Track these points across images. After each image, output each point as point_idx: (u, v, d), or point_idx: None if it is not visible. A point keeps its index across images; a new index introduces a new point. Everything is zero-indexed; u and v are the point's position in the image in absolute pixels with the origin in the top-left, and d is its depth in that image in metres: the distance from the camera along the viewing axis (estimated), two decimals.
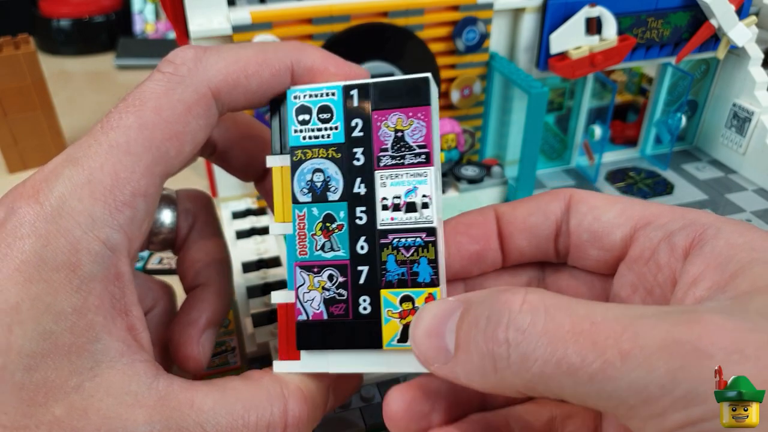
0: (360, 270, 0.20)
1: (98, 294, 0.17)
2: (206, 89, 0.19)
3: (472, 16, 0.34)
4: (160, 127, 0.18)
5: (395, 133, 0.20)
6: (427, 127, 0.20)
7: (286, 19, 0.32)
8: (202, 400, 0.17)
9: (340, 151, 0.21)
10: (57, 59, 0.72)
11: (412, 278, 0.20)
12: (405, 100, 0.20)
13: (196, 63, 0.19)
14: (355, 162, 0.21)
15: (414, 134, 0.20)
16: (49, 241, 0.16)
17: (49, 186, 0.17)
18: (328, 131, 0.21)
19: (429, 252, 0.20)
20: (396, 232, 0.20)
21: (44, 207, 0.16)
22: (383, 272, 0.20)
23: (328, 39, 0.32)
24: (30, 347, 0.15)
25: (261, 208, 0.38)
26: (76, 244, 0.16)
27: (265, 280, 0.32)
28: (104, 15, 0.74)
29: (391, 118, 0.20)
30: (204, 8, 0.31)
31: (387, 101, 0.20)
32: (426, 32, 0.34)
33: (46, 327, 0.16)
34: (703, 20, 0.38)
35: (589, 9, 0.35)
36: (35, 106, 0.47)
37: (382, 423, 0.25)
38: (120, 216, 0.17)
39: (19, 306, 0.15)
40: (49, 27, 0.72)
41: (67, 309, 0.16)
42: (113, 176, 0.17)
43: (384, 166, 0.20)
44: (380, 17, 0.33)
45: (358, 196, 0.20)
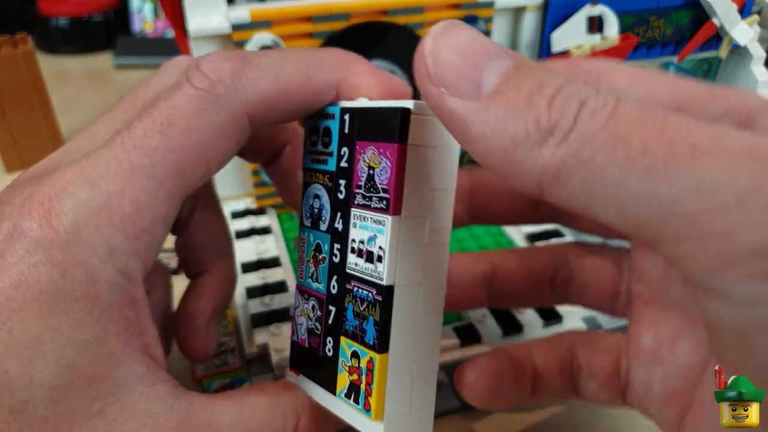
0: (330, 309, 0.19)
1: (116, 321, 0.16)
2: (242, 112, 0.17)
3: (473, 15, 0.34)
4: (188, 151, 0.16)
5: (368, 169, 0.18)
6: (391, 169, 0.17)
7: (286, 17, 0.31)
8: (220, 418, 0.17)
9: (331, 180, 0.19)
10: (55, 58, 0.72)
11: (360, 335, 0.18)
12: (379, 132, 0.17)
13: (234, 81, 0.17)
14: (338, 194, 0.19)
15: (381, 175, 0.17)
16: (66, 270, 0.15)
17: (62, 206, 0.15)
18: (325, 156, 0.19)
19: (375, 312, 0.17)
20: (357, 279, 0.18)
21: (59, 232, 0.15)
22: (344, 319, 0.18)
23: (327, 37, 0.32)
24: (52, 381, 0.15)
25: (260, 208, 0.38)
26: (93, 274, 0.16)
27: (265, 280, 0.32)
28: (103, 14, 0.73)
29: (367, 151, 0.18)
30: (203, 7, 0.31)
31: (365, 131, 0.18)
32: (426, 31, 0.34)
33: (68, 359, 0.15)
34: (704, 19, 0.38)
35: (590, 8, 0.35)
36: (33, 105, 0.46)
37: None
38: (138, 243, 0.16)
39: (39, 339, 0.15)
40: (48, 26, 0.72)
41: (88, 339, 0.16)
42: (134, 203, 0.16)
43: (357, 205, 0.18)
44: (380, 15, 0.33)
45: (337, 232, 0.19)
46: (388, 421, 0.17)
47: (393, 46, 0.33)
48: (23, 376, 0.15)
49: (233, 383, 0.27)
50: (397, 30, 0.33)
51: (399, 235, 0.17)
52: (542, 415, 0.26)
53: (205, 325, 0.22)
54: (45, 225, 0.15)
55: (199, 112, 0.16)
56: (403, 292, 0.17)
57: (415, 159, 0.17)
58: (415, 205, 0.18)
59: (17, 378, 0.15)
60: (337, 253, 0.19)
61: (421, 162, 0.17)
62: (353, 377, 0.18)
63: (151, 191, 0.16)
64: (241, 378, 0.28)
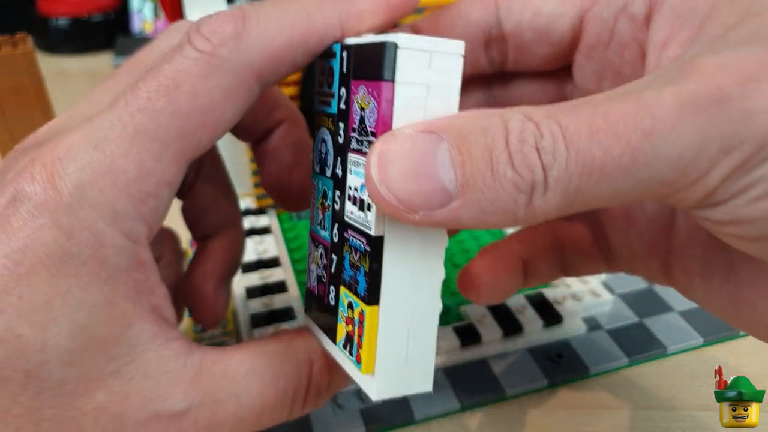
0: (333, 258, 0.18)
1: (125, 282, 0.16)
2: (249, 73, 0.17)
3: None
4: (194, 116, 0.16)
5: (360, 111, 0.16)
6: (378, 110, 0.15)
7: None
8: (235, 369, 0.18)
9: (333, 123, 0.18)
10: (55, 58, 0.72)
11: (354, 285, 0.17)
12: (368, 71, 0.16)
13: (237, 43, 0.16)
14: (338, 139, 0.18)
15: (370, 117, 0.16)
16: (73, 234, 0.15)
17: (65, 169, 0.15)
18: (329, 98, 0.18)
19: (365, 263, 0.16)
20: (352, 228, 0.17)
21: (63, 195, 0.15)
22: (342, 269, 0.18)
23: None
24: (66, 344, 0.15)
25: (260, 208, 0.38)
26: (100, 237, 0.15)
27: (265, 280, 0.32)
28: (103, 14, 0.74)
29: (359, 91, 0.16)
30: (202, 6, 0.31)
31: (359, 70, 0.16)
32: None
33: (80, 322, 0.15)
34: None
35: None
36: (33, 105, 0.46)
37: (382, 424, 0.25)
38: (143, 207, 0.16)
39: (50, 302, 0.15)
40: (48, 26, 0.72)
41: (99, 302, 0.15)
42: (138, 166, 0.16)
43: (352, 150, 0.17)
44: None
45: (337, 178, 0.18)
46: (379, 376, 0.17)
47: None
48: (37, 341, 0.15)
49: None
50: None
51: None
52: (542, 414, 0.26)
53: (214, 289, 0.22)
54: (49, 188, 0.15)
55: (205, 75, 0.16)
56: (396, 243, 0.16)
57: (406, 99, 0.15)
58: None
59: (31, 342, 0.15)
60: (338, 201, 0.18)
61: (413, 102, 0.15)
62: (348, 328, 0.17)
63: (155, 155, 0.16)
64: None
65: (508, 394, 0.27)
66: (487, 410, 0.27)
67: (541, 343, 0.29)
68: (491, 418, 0.26)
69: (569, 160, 0.13)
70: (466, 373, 0.28)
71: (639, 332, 0.30)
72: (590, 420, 0.26)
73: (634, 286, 0.33)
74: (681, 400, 0.27)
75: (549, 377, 0.27)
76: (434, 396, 0.26)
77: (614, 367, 0.28)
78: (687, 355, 0.29)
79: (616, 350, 0.29)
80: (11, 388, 0.15)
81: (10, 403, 0.15)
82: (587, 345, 0.29)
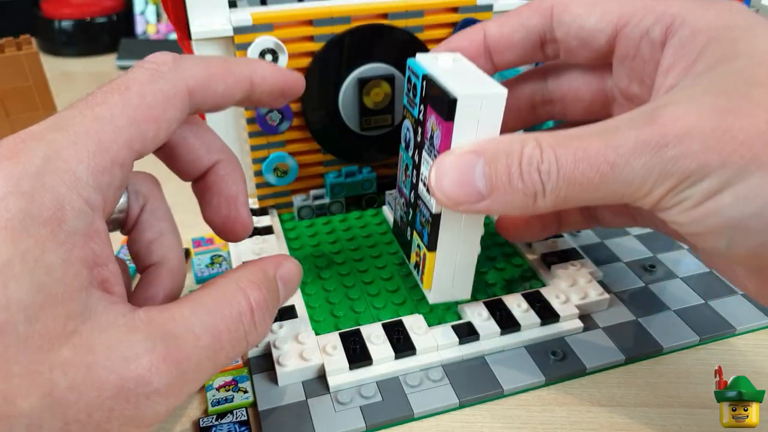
0: (409, 211, 0.28)
1: (81, 247, 0.18)
2: (183, 86, 0.21)
3: (472, 18, 0.34)
4: (142, 109, 0.20)
5: (431, 130, 0.24)
6: (441, 140, 0.23)
7: (287, 20, 0.32)
8: (180, 312, 0.19)
9: (414, 123, 0.26)
10: (59, 60, 0.73)
11: (421, 235, 0.27)
12: (439, 108, 0.23)
13: (175, 64, 0.21)
14: (417, 136, 0.26)
15: (436, 139, 0.24)
16: (34, 198, 0.17)
17: (31, 147, 0.17)
18: (413, 105, 0.27)
19: (428, 226, 0.26)
20: (422, 200, 0.26)
21: (26, 166, 0.17)
22: (415, 221, 0.27)
23: (328, 40, 0.33)
24: (27, 300, 0.16)
25: (262, 208, 0.38)
26: (61, 200, 0.17)
27: None
28: (106, 16, 0.74)
29: (430, 117, 0.24)
30: (205, 9, 0.31)
31: (431, 101, 0.24)
32: (426, 33, 0.34)
33: (39, 279, 0.16)
34: None
35: None
36: (37, 106, 0.47)
37: (382, 420, 0.26)
38: (101, 179, 0.18)
39: (11, 262, 0.16)
40: (51, 28, 0.72)
41: (56, 261, 0.17)
42: (97, 142, 0.18)
43: (426, 151, 0.25)
44: (380, 19, 0.33)
45: (414, 162, 0.27)
46: (434, 291, 0.27)
47: (393, 48, 0.34)
48: (0, 298, 0.16)
49: (235, 381, 0.28)
50: (397, 33, 0.33)
51: None
52: (539, 411, 0.27)
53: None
54: (13, 162, 0.17)
55: (150, 80, 0.20)
56: (448, 216, 0.25)
57: (462, 129, 0.23)
58: None
59: None
60: (414, 175, 0.27)
61: (466, 130, 0.23)
62: (417, 259, 0.28)
63: (111, 136, 0.19)
64: (243, 376, 0.28)
65: (505, 390, 0.27)
66: (485, 407, 0.27)
67: (539, 341, 0.29)
68: (489, 414, 0.27)
69: (559, 180, 0.20)
70: (465, 370, 0.28)
71: (635, 330, 0.30)
72: (587, 417, 0.26)
73: (631, 285, 0.33)
74: (677, 397, 0.27)
75: (546, 374, 0.28)
76: (433, 392, 0.27)
77: (611, 364, 0.29)
78: (683, 353, 0.30)
79: (613, 348, 0.29)
80: None
81: None
82: (584, 343, 0.29)
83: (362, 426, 0.26)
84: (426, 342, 0.28)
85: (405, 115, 0.28)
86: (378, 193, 0.38)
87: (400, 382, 0.27)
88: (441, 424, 0.26)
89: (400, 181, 0.29)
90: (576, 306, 0.30)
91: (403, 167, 0.28)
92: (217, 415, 0.26)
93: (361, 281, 0.33)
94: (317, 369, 0.27)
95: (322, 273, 0.33)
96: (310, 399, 0.27)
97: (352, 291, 0.32)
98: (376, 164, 0.38)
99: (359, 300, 0.31)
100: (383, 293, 0.32)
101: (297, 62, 0.33)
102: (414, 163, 0.27)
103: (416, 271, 0.28)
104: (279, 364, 0.27)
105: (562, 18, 0.25)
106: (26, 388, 0.16)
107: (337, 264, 0.34)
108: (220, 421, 0.26)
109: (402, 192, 0.29)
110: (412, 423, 0.26)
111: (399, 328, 0.29)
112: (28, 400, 0.16)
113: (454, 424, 0.26)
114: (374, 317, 0.30)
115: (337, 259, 0.34)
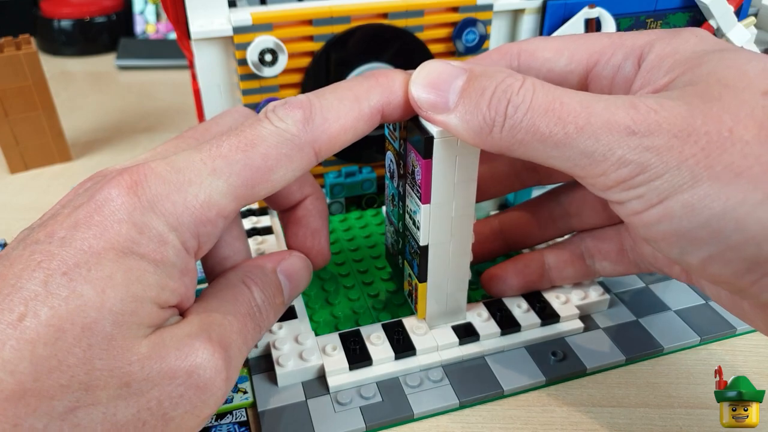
0: (399, 240, 0.29)
1: (177, 279, 0.20)
2: (310, 149, 0.21)
3: (472, 18, 0.34)
4: (261, 172, 0.20)
5: (412, 166, 0.25)
6: (422, 176, 0.24)
7: (287, 20, 0.32)
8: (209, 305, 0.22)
9: (396, 156, 0.27)
10: (58, 60, 0.73)
11: (412, 265, 0.27)
12: (416, 145, 0.24)
13: (305, 125, 0.21)
14: (399, 169, 0.26)
15: (417, 175, 0.24)
16: (143, 230, 0.19)
17: (149, 183, 0.19)
18: (394, 139, 0.27)
19: (417, 257, 0.26)
20: (410, 231, 0.27)
21: (141, 200, 0.19)
22: (404, 250, 0.28)
23: (328, 40, 0.32)
24: (119, 307, 0.18)
25: (262, 209, 0.38)
26: (164, 239, 0.19)
27: None
28: (105, 16, 0.74)
29: (410, 153, 0.25)
30: (205, 9, 0.31)
31: (410, 138, 0.24)
32: (426, 33, 0.34)
33: (134, 293, 0.18)
34: (702, 21, 0.38)
35: (588, 10, 0.36)
36: (36, 106, 0.47)
37: (382, 421, 0.26)
38: (201, 228, 0.20)
39: (113, 276, 0.18)
40: (51, 27, 0.72)
41: (153, 283, 0.19)
42: (207, 196, 0.20)
43: (408, 184, 0.25)
44: (380, 18, 0.33)
45: (399, 194, 0.27)
46: (428, 319, 0.28)
47: (393, 48, 0.34)
48: (96, 300, 0.18)
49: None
50: (397, 33, 0.33)
51: (430, 216, 0.25)
52: (540, 412, 0.27)
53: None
54: (132, 194, 0.19)
55: (277, 144, 0.21)
56: (436, 247, 0.26)
57: (440, 165, 0.23)
58: (442, 195, 0.24)
59: (90, 301, 0.18)
60: (400, 207, 0.27)
61: (445, 166, 0.23)
62: (409, 288, 0.29)
63: (223, 192, 0.20)
64: (242, 377, 0.28)
65: (506, 391, 0.27)
66: (485, 407, 0.27)
67: (539, 341, 0.29)
68: (489, 415, 0.27)
69: (524, 120, 0.19)
70: (465, 370, 0.28)
71: (636, 331, 0.30)
72: (587, 418, 0.26)
73: (631, 285, 0.33)
74: (678, 398, 0.27)
75: (546, 375, 0.28)
76: (433, 393, 0.27)
77: (611, 365, 0.29)
78: (684, 353, 0.30)
79: (614, 348, 0.29)
80: (68, 339, 0.17)
81: (65, 354, 0.17)
82: (584, 343, 0.29)
83: (362, 426, 0.25)
84: (426, 342, 0.28)
85: (386, 147, 0.28)
86: (378, 193, 0.38)
87: (400, 382, 0.27)
88: (441, 424, 0.26)
89: (389, 210, 0.29)
90: (576, 306, 0.30)
91: (390, 197, 0.29)
92: (216, 415, 0.26)
93: (361, 282, 0.32)
94: (317, 369, 0.27)
95: (322, 273, 0.33)
96: (309, 400, 0.27)
97: (351, 291, 0.32)
98: (376, 164, 0.38)
99: (359, 300, 0.31)
100: (383, 294, 0.32)
101: (296, 62, 0.33)
102: (399, 194, 0.27)
103: (410, 300, 0.29)
104: (279, 365, 0.27)
105: (530, 64, 0.24)
106: (105, 380, 0.18)
107: (337, 264, 0.34)
108: (219, 422, 0.26)
109: (391, 220, 0.29)
110: (412, 423, 0.26)
111: (399, 329, 0.29)
112: (106, 391, 0.18)
113: (454, 425, 0.26)
114: (374, 318, 0.30)
115: (336, 260, 0.34)
